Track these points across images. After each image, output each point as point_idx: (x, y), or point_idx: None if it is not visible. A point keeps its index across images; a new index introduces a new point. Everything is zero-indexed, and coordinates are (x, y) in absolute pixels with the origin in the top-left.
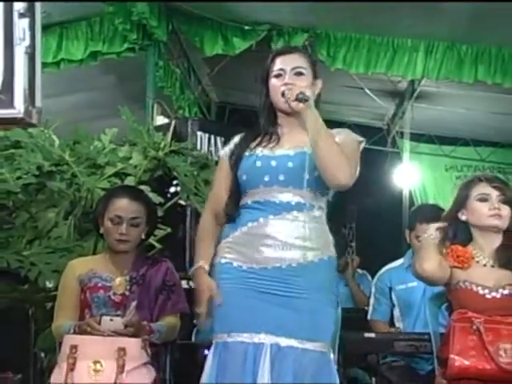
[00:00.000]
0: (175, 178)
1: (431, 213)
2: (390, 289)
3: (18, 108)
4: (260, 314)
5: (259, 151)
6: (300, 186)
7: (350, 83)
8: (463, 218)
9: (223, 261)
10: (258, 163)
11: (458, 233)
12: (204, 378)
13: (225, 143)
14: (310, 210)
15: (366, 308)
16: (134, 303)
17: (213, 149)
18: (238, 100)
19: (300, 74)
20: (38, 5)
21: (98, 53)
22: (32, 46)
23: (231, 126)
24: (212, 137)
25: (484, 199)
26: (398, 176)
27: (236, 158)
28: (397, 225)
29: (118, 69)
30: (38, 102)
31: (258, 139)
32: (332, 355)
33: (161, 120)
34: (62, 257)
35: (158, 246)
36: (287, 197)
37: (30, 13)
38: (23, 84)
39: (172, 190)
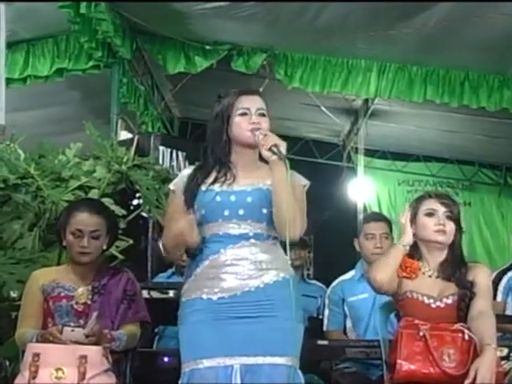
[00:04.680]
0: (138, 191)
1: (373, 214)
2: (343, 300)
3: None
4: (230, 337)
5: (217, 187)
6: (258, 220)
7: (306, 101)
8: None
9: (193, 296)
10: (218, 198)
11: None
12: None
13: (186, 158)
14: (267, 239)
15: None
16: (95, 314)
17: (174, 163)
18: (199, 115)
19: (263, 115)
20: (2, 25)
21: (64, 69)
22: None
23: (193, 141)
24: (174, 151)
25: (431, 214)
26: (353, 190)
27: (191, 194)
28: (351, 237)
29: (83, 84)
30: (2, 120)
31: (213, 175)
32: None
33: (124, 135)
34: (27, 267)
35: (120, 256)
36: (245, 229)
37: None
38: None
39: (135, 202)
